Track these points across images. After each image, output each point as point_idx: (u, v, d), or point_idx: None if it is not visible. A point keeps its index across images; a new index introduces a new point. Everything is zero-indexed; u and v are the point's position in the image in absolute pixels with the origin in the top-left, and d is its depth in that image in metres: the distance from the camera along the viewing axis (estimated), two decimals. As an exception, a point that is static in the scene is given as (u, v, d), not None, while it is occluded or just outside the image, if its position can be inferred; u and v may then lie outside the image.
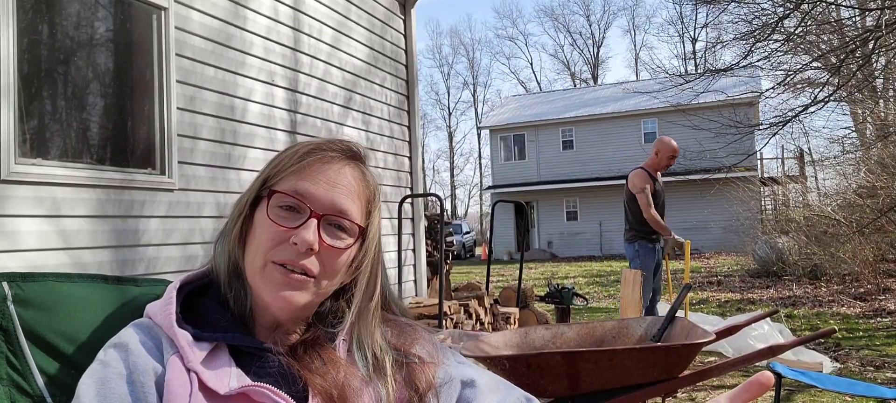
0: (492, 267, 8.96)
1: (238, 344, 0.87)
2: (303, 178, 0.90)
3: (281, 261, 0.87)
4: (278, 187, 0.90)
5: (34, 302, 0.95)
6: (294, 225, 0.88)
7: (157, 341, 0.86)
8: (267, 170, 0.94)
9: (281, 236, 0.88)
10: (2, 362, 0.91)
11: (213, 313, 0.91)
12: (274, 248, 0.88)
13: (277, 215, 0.89)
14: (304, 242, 0.86)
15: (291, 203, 0.89)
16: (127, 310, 1.00)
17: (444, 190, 52.73)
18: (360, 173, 0.94)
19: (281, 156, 0.94)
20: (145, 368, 0.82)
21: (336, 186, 0.90)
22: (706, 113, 15.22)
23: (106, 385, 0.80)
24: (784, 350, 2.52)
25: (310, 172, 0.90)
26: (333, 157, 0.93)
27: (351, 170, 0.93)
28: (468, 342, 2.62)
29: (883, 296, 8.67)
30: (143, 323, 0.89)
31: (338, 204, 0.90)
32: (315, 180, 0.90)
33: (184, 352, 0.83)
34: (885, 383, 4.53)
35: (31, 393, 0.92)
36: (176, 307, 0.88)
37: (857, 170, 11.58)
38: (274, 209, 0.89)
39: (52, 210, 3.27)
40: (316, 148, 0.93)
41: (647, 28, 64.69)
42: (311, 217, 0.88)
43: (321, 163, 0.91)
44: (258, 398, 0.82)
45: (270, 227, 0.88)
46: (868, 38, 7.70)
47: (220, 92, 4.36)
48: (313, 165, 0.91)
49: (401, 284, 5.95)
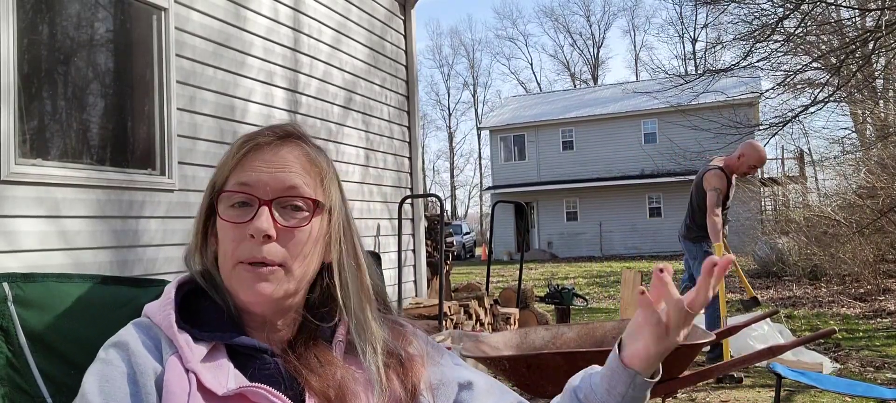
0: (492, 268, 8.96)
1: (236, 344, 0.88)
2: (244, 171, 0.90)
3: (244, 259, 0.87)
4: (225, 187, 0.91)
5: (34, 303, 0.95)
6: (248, 218, 0.88)
7: (156, 341, 0.86)
8: (212, 177, 0.94)
9: (239, 232, 0.88)
10: (2, 362, 0.91)
11: (210, 314, 0.91)
12: (237, 248, 0.88)
13: (231, 214, 0.89)
14: (258, 230, 0.86)
15: (239, 198, 0.89)
16: (127, 311, 1.00)
17: (444, 190, 52.77)
18: (301, 150, 0.94)
19: (222, 159, 0.94)
20: (146, 368, 0.82)
21: (278, 168, 0.90)
22: (706, 113, 15.23)
23: (109, 382, 0.81)
24: (784, 350, 2.52)
25: (248, 162, 0.90)
26: (267, 141, 0.92)
27: (289, 148, 0.93)
28: (468, 342, 2.62)
29: (883, 297, 8.67)
30: (143, 323, 0.89)
31: (283, 182, 0.89)
32: (255, 168, 0.90)
33: (183, 352, 0.83)
34: (885, 383, 4.53)
35: (31, 393, 0.92)
36: (175, 307, 0.88)
37: (857, 170, 11.58)
38: (226, 210, 0.89)
39: (52, 210, 3.27)
40: (249, 138, 0.93)
41: (647, 28, 64.84)
42: (261, 205, 0.88)
43: (257, 150, 0.91)
44: (255, 398, 0.82)
45: (228, 228, 0.89)
46: (868, 39, 7.70)
47: (220, 92, 4.36)
48: (249, 155, 0.91)
49: (401, 284, 5.95)
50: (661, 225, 24.22)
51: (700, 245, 5.02)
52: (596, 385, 0.87)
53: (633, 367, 0.85)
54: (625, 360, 0.85)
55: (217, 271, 0.92)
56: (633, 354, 0.85)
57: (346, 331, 0.94)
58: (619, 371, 0.85)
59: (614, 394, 0.85)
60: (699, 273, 0.84)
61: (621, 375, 0.85)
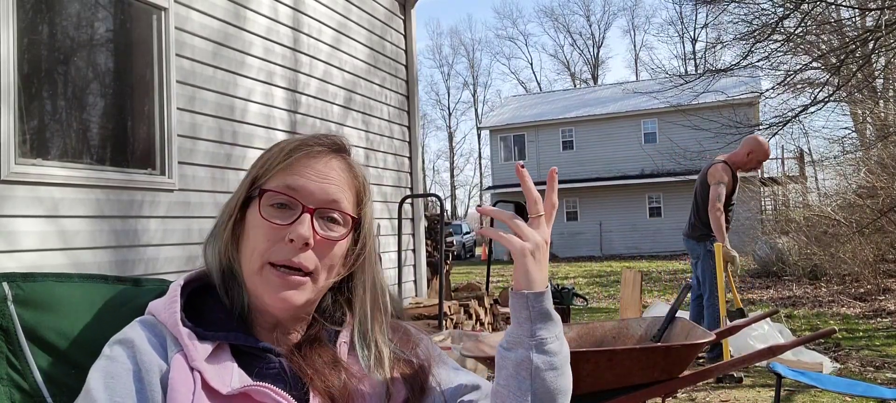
0: (492, 267, 8.96)
1: (241, 344, 0.88)
2: (292, 174, 0.90)
3: (278, 262, 0.87)
4: (268, 186, 0.90)
5: (34, 302, 0.95)
6: (288, 222, 0.88)
7: (162, 338, 0.86)
8: (255, 169, 0.94)
9: (276, 234, 0.88)
10: (2, 362, 0.91)
11: (215, 312, 0.91)
12: (270, 248, 0.88)
13: (270, 213, 0.89)
14: (300, 237, 0.87)
15: (283, 200, 0.89)
16: (127, 310, 1.00)
17: (444, 190, 52.77)
18: (347, 165, 0.95)
19: (268, 155, 0.94)
20: (151, 365, 0.82)
21: (325, 179, 0.91)
22: (706, 113, 15.23)
23: (115, 378, 0.81)
24: (784, 350, 2.52)
25: (298, 168, 0.91)
26: (320, 151, 0.93)
27: (338, 162, 0.94)
28: (468, 342, 2.62)
29: (883, 296, 8.66)
30: (148, 321, 0.89)
31: (329, 195, 0.90)
32: (304, 174, 0.90)
33: (188, 351, 0.83)
34: (885, 383, 4.53)
35: (31, 393, 0.92)
36: (180, 305, 0.88)
37: (857, 170, 11.59)
38: (266, 208, 0.89)
39: (52, 210, 3.27)
40: (302, 143, 0.93)
41: (647, 28, 64.74)
42: (304, 211, 0.88)
43: (308, 157, 0.92)
44: (260, 398, 0.82)
45: (264, 226, 0.88)
46: (868, 39, 7.70)
47: (220, 92, 4.36)
48: (301, 160, 0.91)
49: (401, 284, 5.94)
50: (662, 224, 24.22)
51: (703, 244, 4.96)
52: (510, 329, 0.91)
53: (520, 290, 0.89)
54: (513, 289, 0.90)
55: (239, 267, 0.92)
56: (515, 282, 0.90)
57: (350, 334, 0.94)
58: (516, 299, 0.89)
59: (522, 321, 0.88)
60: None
61: (517, 300, 0.89)
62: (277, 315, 0.91)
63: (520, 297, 0.88)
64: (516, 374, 0.87)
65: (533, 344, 0.87)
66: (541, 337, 0.87)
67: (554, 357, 0.88)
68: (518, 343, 0.88)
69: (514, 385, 0.87)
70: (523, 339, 0.87)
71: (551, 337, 0.88)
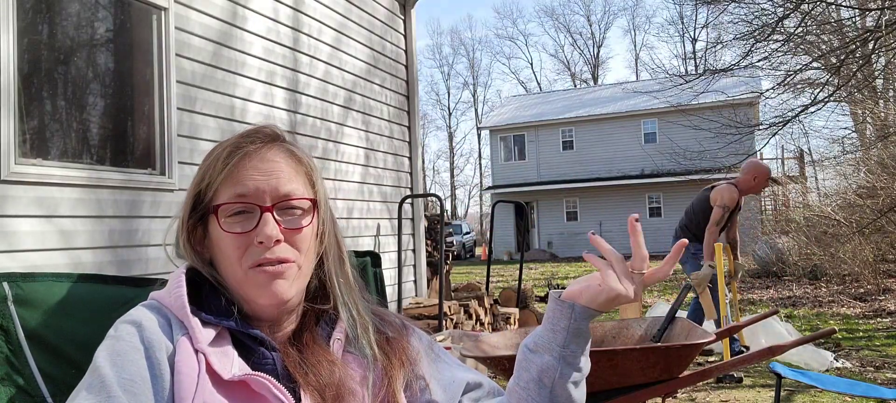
0: (492, 268, 8.96)
1: (242, 332, 0.89)
2: (237, 181, 0.90)
3: (257, 263, 0.88)
4: (218, 200, 0.90)
5: (34, 302, 0.95)
6: (252, 227, 0.88)
7: (167, 320, 0.87)
8: (195, 185, 0.93)
9: (244, 241, 0.89)
10: (2, 362, 0.91)
11: (213, 301, 0.92)
12: (243, 256, 0.88)
13: (230, 225, 0.89)
14: (268, 237, 0.87)
15: (238, 209, 0.89)
16: (126, 310, 1.00)
17: (444, 190, 52.74)
18: (288, 151, 0.95)
19: (205, 166, 0.93)
20: (159, 344, 0.83)
21: (271, 174, 0.91)
22: (706, 113, 15.22)
23: (123, 356, 0.81)
24: (784, 350, 2.52)
25: (241, 172, 0.90)
26: (257, 147, 0.92)
27: (278, 151, 0.93)
28: (468, 342, 2.62)
29: (883, 297, 8.66)
30: (152, 304, 0.90)
31: (281, 189, 0.90)
32: (250, 177, 0.90)
33: (194, 333, 0.84)
34: (885, 383, 4.53)
35: (31, 393, 0.92)
36: (185, 290, 0.88)
37: (857, 170, 11.59)
38: (225, 220, 0.89)
39: (52, 210, 3.27)
40: (236, 146, 0.92)
41: (648, 28, 64.74)
42: (263, 212, 0.89)
43: (247, 158, 0.91)
44: (258, 388, 0.83)
45: (229, 238, 0.89)
46: (868, 39, 7.70)
47: (220, 92, 4.36)
48: (241, 163, 0.91)
49: (401, 284, 5.95)
50: (661, 224, 24.20)
51: (688, 248, 5.02)
52: (541, 331, 0.91)
53: (571, 300, 0.90)
54: (561, 294, 0.91)
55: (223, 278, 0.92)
56: (570, 294, 0.90)
57: (343, 329, 0.95)
58: (559, 308, 0.89)
59: (558, 330, 0.89)
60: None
61: (561, 309, 0.89)
62: (274, 313, 0.91)
63: (565, 306, 0.89)
64: (539, 379, 0.89)
65: (563, 354, 0.89)
66: (572, 350, 0.89)
67: (578, 373, 0.90)
68: (547, 348, 0.89)
69: (534, 389, 0.89)
70: (554, 347, 0.89)
71: (581, 353, 0.90)
